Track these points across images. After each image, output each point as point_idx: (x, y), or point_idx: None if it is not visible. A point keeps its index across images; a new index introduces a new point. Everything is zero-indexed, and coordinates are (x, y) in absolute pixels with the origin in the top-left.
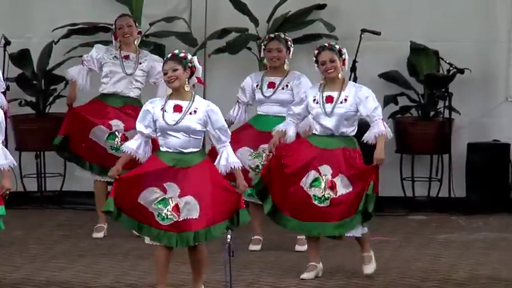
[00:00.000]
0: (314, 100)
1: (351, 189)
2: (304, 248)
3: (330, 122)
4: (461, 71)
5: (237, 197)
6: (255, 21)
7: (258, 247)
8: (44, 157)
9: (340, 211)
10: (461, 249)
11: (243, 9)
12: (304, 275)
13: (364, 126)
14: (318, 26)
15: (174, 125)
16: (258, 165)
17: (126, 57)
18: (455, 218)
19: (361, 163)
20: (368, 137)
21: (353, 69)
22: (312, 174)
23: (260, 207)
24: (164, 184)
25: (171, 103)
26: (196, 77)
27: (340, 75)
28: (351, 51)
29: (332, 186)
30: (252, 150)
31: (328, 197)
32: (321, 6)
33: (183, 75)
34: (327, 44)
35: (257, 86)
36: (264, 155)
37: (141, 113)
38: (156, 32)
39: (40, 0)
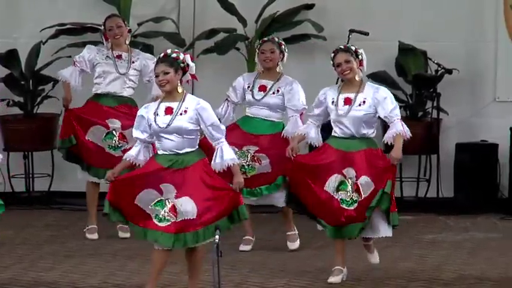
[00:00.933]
0: (333, 102)
1: (372, 188)
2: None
3: (349, 124)
4: (449, 71)
5: (235, 194)
6: (243, 21)
7: (248, 247)
8: (32, 157)
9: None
10: (449, 249)
11: (231, 9)
12: (332, 279)
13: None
14: (306, 27)
15: (166, 127)
16: (243, 165)
17: (119, 57)
18: (443, 218)
19: (385, 162)
20: (387, 137)
21: None
22: (338, 178)
23: (250, 207)
24: (160, 186)
25: (163, 106)
26: (189, 74)
27: (357, 77)
28: None
29: (357, 189)
30: (236, 149)
31: (356, 200)
32: (309, 6)
33: (175, 77)
34: (342, 46)
35: (248, 87)
36: (249, 155)
37: (136, 120)
38: (144, 32)
39: (28, 0)
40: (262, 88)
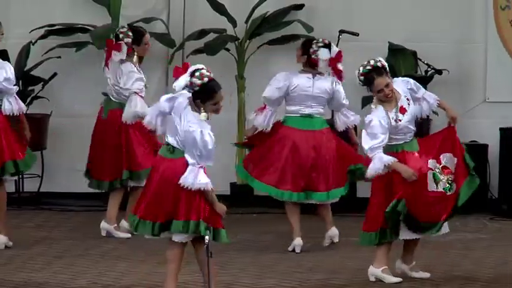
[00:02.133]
0: (395, 120)
1: (451, 156)
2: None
3: (413, 125)
4: (439, 72)
5: None
6: (233, 22)
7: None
8: None
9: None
10: (439, 249)
11: (221, 10)
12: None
13: None
14: (296, 27)
15: None
16: None
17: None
18: None
19: (440, 134)
20: (427, 109)
21: None
22: (430, 174)
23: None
24: None
25: None
26: None
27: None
28: None
29: (448, 170)
30: None
31: (452, 179)
32: (299, 7)
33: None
34: (370, 67)
35: None
36: None
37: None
38: None
39: (17, 1)
40: None
